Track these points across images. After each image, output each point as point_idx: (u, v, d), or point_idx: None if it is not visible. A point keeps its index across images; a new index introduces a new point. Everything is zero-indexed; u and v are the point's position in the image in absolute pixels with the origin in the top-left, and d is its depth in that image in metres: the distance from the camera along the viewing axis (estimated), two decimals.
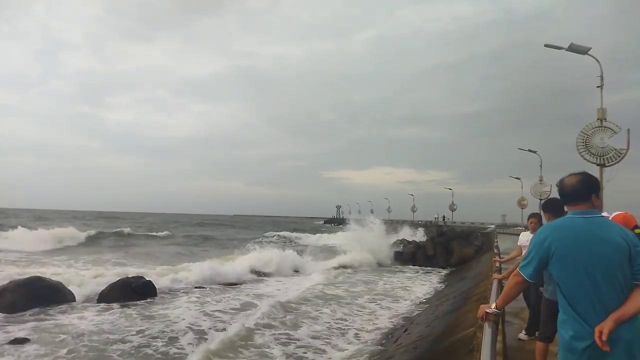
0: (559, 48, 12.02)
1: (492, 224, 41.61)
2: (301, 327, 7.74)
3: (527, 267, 1.91)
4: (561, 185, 2.01)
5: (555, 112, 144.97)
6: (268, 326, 7.52)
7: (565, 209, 2.01)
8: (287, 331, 7.41)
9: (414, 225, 34.97)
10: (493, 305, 2.18)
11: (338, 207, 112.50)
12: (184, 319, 7.84)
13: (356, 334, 7.57)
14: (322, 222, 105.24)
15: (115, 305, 8.89)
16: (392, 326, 8.11)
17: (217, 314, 8.55)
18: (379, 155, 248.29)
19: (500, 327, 3.27)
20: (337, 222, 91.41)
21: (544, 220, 3.58)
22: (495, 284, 4.03)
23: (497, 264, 6.13)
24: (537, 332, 3.58)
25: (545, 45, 12.61)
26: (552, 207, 3.22)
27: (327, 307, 9.43)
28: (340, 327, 7.95)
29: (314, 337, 7.15)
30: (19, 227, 24.77)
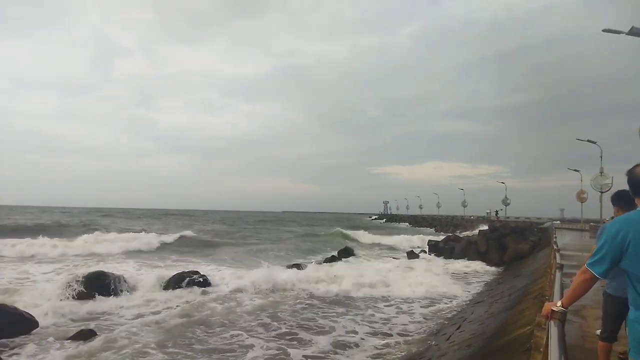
0: (619, 32, 11.31)
1: (550, 220, 39.67)
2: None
3: (598, 264, 1.77)
4: (631, 176, 1.88)
5: (610, 101, 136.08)
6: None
7: (636, 201, 1.87)
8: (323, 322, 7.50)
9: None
10: (559, 303, 2.08)
11: (386, 203, 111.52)
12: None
13: (403, 327, 7.62)
14: (372, 218, 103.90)
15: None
16: (443, 322, 8.02)
17: None
18: (427, 149, 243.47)
19: None
20: (387, 218, 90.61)
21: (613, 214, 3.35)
22: (557, 280, 3.83)
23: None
24: (598, 331, 3.39)
25: (604, 30, 11.91)
26: (622, 200, 3.01)
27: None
28: (386, 320, 8.03)
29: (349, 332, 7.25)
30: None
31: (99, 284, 9.23)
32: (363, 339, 6.91)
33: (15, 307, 7.09)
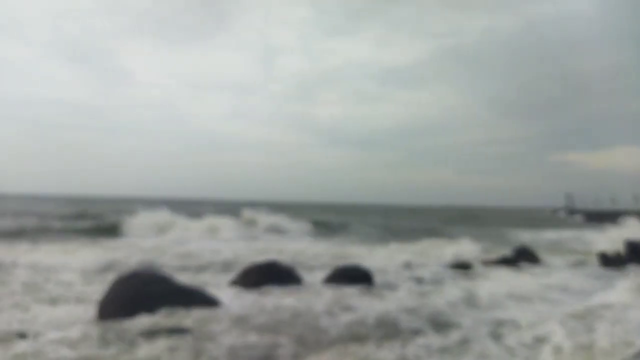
0: None
1: None
2: None
3: None
4: None
5: None
6: None
7: None
8: None
9: None
10: None
11: (568, 195, 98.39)
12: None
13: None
14: (556, 212, 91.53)
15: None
16: None
17: None
18: (619, 132, 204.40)
19: None
20: (570, 213, 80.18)
21: None
22: None
23: None
24: None
25: None
26: None
27: None
28: None
29: None
30: None
31: (271, 273, 9.78)
32: None
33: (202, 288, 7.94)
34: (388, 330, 6.48)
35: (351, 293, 9.02)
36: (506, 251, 16.03)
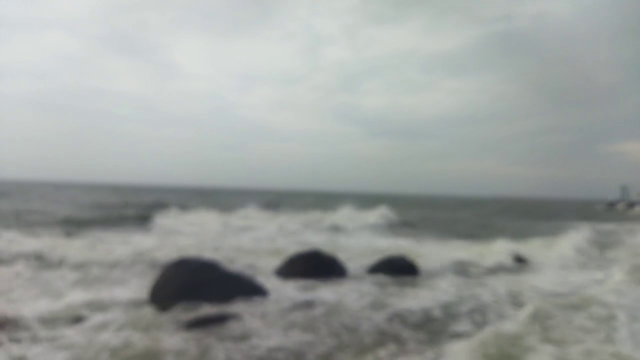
0: None
1: None
2: None
3: None
4: None
5: None
6: None
7: None
8: None
9: None
10: None
11: (623, 187, 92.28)
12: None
13: None
14: (613, 205, 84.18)
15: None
16: None
17: None
18: None
19: None
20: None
21: None
22: None
23: None
24: None
25: None
26: None
27: None
28: None
29: None
30: None
31: (314, 263, 9.84)
32: None
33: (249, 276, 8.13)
34: (427, 328, 6.25)
35: (394, 285, 8.99)
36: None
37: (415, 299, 7.80)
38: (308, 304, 7.22)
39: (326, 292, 8.12)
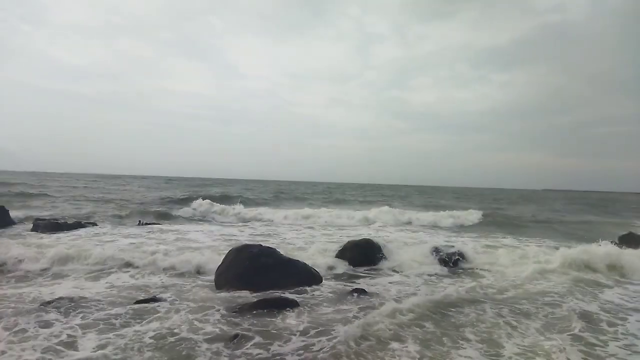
0: None
1: None
2: None
3: None
4: None
5: None
6: None
7: None
8: None
9: None
10: None
11: None
12: None
13: None
14: None
15: None
16: None
17: None
18: None
19: None
20: None
21: None
22: None
23: None
24: None
25: None
26: None
27: None
28: None
29: None
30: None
31: (364, 251, 10.27)
32: None
33: (305, 262, 8.57)
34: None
35: (437, 274, 9.39)
36: None
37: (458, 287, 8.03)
38: (348, 297, 7.26)
39: (366, 283, 8.45)
